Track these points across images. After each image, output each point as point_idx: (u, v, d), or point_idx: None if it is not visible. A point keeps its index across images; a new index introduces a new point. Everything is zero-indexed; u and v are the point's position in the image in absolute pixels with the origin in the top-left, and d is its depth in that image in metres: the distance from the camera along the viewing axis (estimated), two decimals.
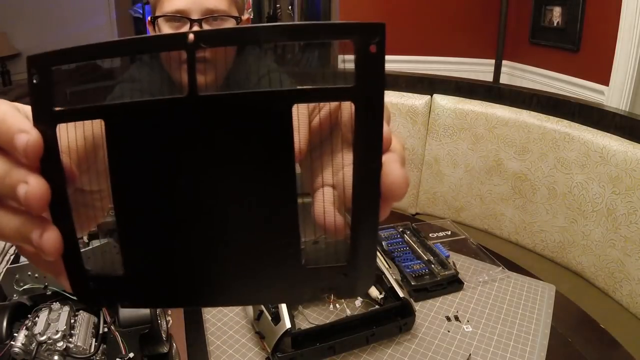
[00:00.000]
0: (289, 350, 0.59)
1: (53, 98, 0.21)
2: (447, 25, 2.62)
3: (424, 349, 0.65)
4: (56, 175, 0.21)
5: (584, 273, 1.24)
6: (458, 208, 1.54)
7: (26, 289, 0.56)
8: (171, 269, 0.23)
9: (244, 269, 0.23)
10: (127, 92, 0.86)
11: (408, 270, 0.79)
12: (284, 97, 0.21)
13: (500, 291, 0.79)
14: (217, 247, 0.23)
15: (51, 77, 0.21)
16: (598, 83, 1.97)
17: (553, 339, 0.68)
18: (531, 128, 1.33)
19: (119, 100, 0.21)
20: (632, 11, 1.76)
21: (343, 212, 0.24)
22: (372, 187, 0.22)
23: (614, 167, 1.15)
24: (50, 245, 0.22)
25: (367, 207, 0.22)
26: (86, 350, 0.50)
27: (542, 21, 2.30)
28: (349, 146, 0.23)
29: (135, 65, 1.00)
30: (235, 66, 0.91)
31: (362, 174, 0.22)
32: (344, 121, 0.24)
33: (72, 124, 0.22)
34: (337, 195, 0.24)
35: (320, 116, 0.25)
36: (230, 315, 0.71)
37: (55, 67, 0.21)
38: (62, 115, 0.21)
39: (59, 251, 0.22)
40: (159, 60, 0.95)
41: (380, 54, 0.20)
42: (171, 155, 0.22)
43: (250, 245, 0.23)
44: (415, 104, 1.52)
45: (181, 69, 0.88)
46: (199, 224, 0.22)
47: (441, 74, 1.66)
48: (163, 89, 0.89)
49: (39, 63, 0.21)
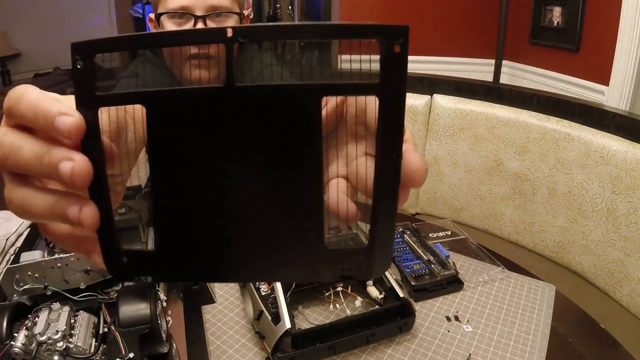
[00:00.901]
0: (289, 350, 0.59)
1: (95, 83, 0.23)
2: (447, 25, 2.62)
3: (424, 349, 0.65)
4: (97, 153, 0.23)
5: (584, 273, 1.24)
6: (458, 208, 1.54)
7: (26, 289, 0.56)
8: (200, 246, 0.25)
9: (269, 247, 0.24)
10: (132, 86, 0.88)
11: (408, 270, 0.79)
12: (316, 89, 0.22)
13: (500, 291, 0.79)
14: (244, 227, 0.24)
15: (93, 63, 0.23)
16: (598, 83, 1.97)
17: (553, 339, 0.68)
18: (531, 128, 1.33)
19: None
20: (632, 11, 1.76)
21: (355, 200, 0.25)
22: (393, 175, 0.23)
23: (614, 167, 1.15)
24: (89, 219, 0.23)
25: (387, 194, 0.24)
26: (86, 351, 0.50)
27: (542, 21, 2.30)
28: (360, 139, 0.25)
29: (137, 61, 1.02)
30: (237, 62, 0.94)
31: (384, 163, 0.23)
32: (352, 115, 0.26)
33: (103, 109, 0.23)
34: (350, 185, 0.26)
35: (327, 110, 0.26)
36: (230, 316, 0.71)
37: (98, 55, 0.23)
38: (104, 99, 0.23)
39: (96, 225, 0.23)
40: (161, 57, 0.96)
41: (403, 53, 0.22)
42: (205, 139, 0.23)
43: (277, 226, 0.24)
44: (415, 104, 1.52)
45: (184, 65, 0.89)
46: (228, 204, 0.24)
47: (441, 74, 1.66)
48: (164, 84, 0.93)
49: (83, 49, 0.22)
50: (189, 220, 0.24)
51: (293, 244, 0.24)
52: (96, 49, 0.23)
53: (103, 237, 0.24)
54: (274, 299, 0.63)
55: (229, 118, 0.23)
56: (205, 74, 0.85)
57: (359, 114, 0.25)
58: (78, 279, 0.57)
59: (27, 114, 0.23)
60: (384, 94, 0.22)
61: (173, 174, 0.24)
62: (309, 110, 0.23)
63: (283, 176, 0.23)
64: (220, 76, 0.24)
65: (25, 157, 0.23)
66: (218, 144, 0.23)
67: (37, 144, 0.23)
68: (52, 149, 0.23)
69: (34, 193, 0.24)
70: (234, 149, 0.23)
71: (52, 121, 0.22)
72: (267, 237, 0.24)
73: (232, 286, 0.78)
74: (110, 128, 0.25)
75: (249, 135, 0.23)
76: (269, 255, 0.25)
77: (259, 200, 0.24)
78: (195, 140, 0.23)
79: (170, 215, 0.24)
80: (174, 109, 0.23)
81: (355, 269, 0.25)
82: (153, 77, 0.94)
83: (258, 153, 0.23)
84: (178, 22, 0.88)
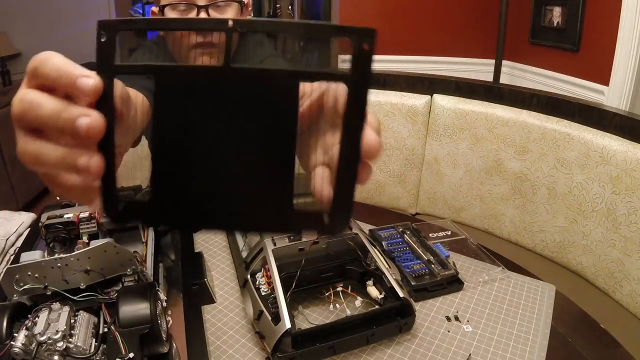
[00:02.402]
0: (289, 350, 0.59)
1: (114, 55, 0.27)
2: (447, 25, 2.62)
3: (424, 349, 0.65)
4: (109, 114, 0.27)
5: (584, 273, 1.24)
6: (458, 208, 1.54)
7: (26, 289, 0.56)
8: (188, 197, 0.29)
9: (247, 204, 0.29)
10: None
11: (408, 270, 0.79)
12: (295, 74, 0.27)
13: (500, 291, 0.79)
14: (227, 184, 0.29)
15: (115, 38, 0.27)
16: (598, 83, 1.97)
17: (553, 339, 0.68)
18: (531, 128, 1.33)
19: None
20: (632, 11, 1.76)
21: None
22: (354, 150, 0.28)
23: (614, 167, 1.15)
24: (96, 167, 0.27)
25: (349, 166, 0.28)
26: (86, 350, 0.50)
27: (542, 21, 2.30)
28: (338, 129, 0.28)
29: (138, 53, 1.05)
30: (238, 51, 0.99)
31: (348, 140, 0.28)
32: (329, 108, 0.31)
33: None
34: (330, 170, 0.30)
35: (310, 101, 0.32)
36: (230, 316, 0.71)
37: (120, 32, 0.27)
38: (120, 69, 0.27)
39: (101, 173, 0.27)
40: (163, 48, 0.99)
41: (371, 51, 0.26)
42: (202, 107, 0.28)
43: (254, 186, 0.29)
44: (415, 104, 1.52)
45: (188, 54, 0.93)
46: (215, 163, 0.28)
47: (441, 74, 1.66)
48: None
49: (107, 26, 0.27)
50: (181, 175, 0.29)
51: (267, 203, 0.29)
52: (118, 26, 0.27)
53: (105, 185, 0.28)
54: (274, 299, 0.63)
55: (223, 91, 0.27)
56: (207, 60, 0.89)
57: (335, 105, 0.29)
58: (78, 279, 0.57)
59: (51, 74, 0.27)
60: (352, 82, 0.27)
61: (171, 135, 0.28)
62: (289, 91, 0.27)
63: (263, 143, 0.28)
64: (219, 62, 0.28)
65: (44, 112, 0.27)
66: (212, 112, 0.28)
67: (56, 101, 0.27)
68: (70, 107, 0.27)
69: (48, 145, 0.27)
70: (225, 118, 0.28)
71: (74, 80, 0.26)
72: (246, 194, 0.29)
73: (232, 286, 0.78)
74: (121, 102, 0.29)
75: (239, 107, 0.28)
76: (247, 210, 0.29)
77: (242, 162, 0.28)
78: (192, 107, 0.28)
79: (165, 169, 0.29)
80: (178, 81, 0.28)
81: (319, 228, 0.30)
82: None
83: (244, 122, 0.28)
84: (182, 12, 0.90)
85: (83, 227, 0.68)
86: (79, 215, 0.68)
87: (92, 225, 0.68)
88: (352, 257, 0.75)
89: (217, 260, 0.86)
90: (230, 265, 0.84)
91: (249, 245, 0.80)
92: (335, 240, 0.72)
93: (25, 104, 0.27)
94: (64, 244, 0.67)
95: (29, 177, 3.06)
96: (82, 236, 0.68)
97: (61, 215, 0.68)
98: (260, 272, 0.69)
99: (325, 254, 0.73)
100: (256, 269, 0.70)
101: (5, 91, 3.02)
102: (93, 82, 0.27)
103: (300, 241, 0.70)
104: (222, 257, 0.87)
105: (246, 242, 0.82)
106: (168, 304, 0.66)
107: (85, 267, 0.57)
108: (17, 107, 0.28)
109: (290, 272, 0.69)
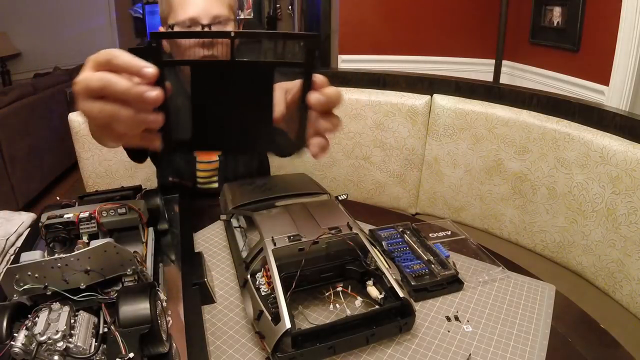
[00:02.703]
0: (289, 350, 0.59)
1: (161, 54, 0.46)
2: (447, 25, 2.62)
3: (424, 349, 0.65)
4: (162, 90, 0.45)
5: (584, 273, 1.24)
6: (458, 208, 1.54)
7: (26, 289, 0.56)
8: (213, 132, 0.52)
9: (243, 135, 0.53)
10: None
11: (408, 270, 0.79)
12: (273, 63, 0.49)
13: (500, 291, 0.79)
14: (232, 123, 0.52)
15: (161, 43, 0.47)
16: (598, 83, 1.97)
17: (553, 339, 0.68)
18: (531, 128, 1.33)
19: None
20: (632, 11, 1.76)
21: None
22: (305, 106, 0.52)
23: (614, 167, 1.15)
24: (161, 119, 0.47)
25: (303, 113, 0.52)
26: (86, 351, 0.50)
27: (542, 21, 2.30)
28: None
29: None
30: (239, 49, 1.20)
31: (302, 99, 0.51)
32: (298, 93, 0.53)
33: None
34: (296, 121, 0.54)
35: (292, 93, 0.54)
36: (230, 316, 0.71)
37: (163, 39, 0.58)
38: (167, 63, 0.46)
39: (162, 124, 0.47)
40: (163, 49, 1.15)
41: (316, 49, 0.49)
42: (218, 84, 0.49)
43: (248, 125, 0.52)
44: (415, 104, 1.52)
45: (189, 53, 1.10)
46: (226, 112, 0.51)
47: (441, 74, 1.66)
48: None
49: (157, 35, 0.46)
50: (209, 120, 0.51)
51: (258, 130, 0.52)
52: (161, 36, 0.48)
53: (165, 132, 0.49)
54: (274, 299, 0.63)
55: (230, 75, 0.49)
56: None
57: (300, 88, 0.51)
58: (78, 279, 0.57)
59: (122, 65, 0.43)
60: (305, 67, 0.50)
61: (203, 100, 0.50)
62: (268, 74, 0.49)
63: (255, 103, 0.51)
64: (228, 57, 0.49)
65: (119, 88, 0.42)
66: (225, 84, 0.49)
67: (126, 80, 0.43)
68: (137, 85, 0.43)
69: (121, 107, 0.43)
70: (233, 87, 0.49)
71: (140, 69, 0.43)
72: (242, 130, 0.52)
73: (232, 286, 0.78)
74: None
75: (241, 81, 0.49)
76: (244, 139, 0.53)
77: (241, 112, 0.51)
78: (213, 83, 0.49)
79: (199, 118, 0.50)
80: (204, 68, 0.49)
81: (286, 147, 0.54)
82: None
83: (244, 89, 0.50)
84: (188, 29, 1.04)
85: (83, 227, 0.68)
86: (79, 215, 0.68)
87: (92, 225, 0.68)
88: (352, 257, 0.75)
89: (217, 260, 0.86)
90: (230, 265, 0.84)
91: (249, 245, 0.80)
92: (336, 241, 0.72)
93: (105, 80, 0.42)
94: (64, 244, 0.67)
95: (29, 177, 3.05)
96: (82, 236, 0.68)
97: (61, 215, 0.68)
98: (260, 272, 0.69)
99: (325, 254, 0.73)
100: (256, 269, 0.70)
101: (5, 91, 3.02)
102: (152, 69, 0.43)
103: (300, 241, 0.70)
104: (222, 257, 0.87)
105: (246, 242, 0.82)
106: (168, 304, 0.66)
107: (85, 267, 0.57)
108: (96, 82, 0.42)
109: (290, 272, 0.69)
